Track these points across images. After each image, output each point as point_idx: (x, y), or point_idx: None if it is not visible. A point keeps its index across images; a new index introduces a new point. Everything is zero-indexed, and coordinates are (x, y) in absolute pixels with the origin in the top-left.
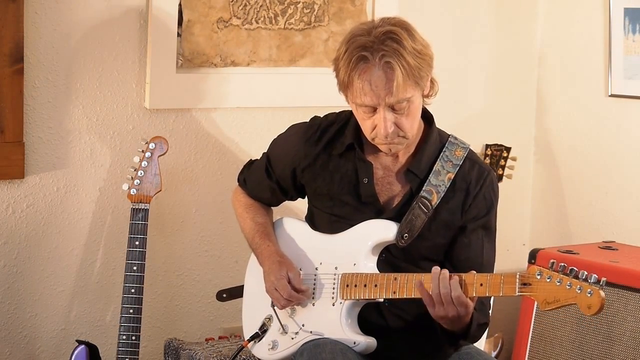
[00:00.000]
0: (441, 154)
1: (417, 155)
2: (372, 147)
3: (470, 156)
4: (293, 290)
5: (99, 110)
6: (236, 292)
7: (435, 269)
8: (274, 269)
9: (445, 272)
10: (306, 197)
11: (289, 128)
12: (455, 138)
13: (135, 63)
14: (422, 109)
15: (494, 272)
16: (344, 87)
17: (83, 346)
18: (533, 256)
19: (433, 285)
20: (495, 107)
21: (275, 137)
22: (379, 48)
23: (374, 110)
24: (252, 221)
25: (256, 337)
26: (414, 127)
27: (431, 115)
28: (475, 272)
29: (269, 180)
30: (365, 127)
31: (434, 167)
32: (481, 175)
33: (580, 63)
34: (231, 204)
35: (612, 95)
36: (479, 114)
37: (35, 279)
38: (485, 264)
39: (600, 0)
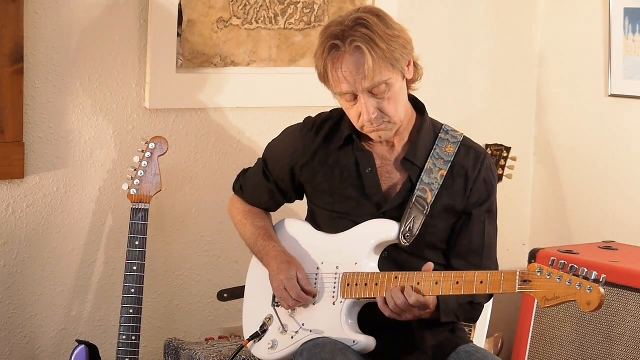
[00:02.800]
0: (432, 151)
1: (412, 144)
2: (368, 139)
3: (465, 143)
4: (302, 290)
5: (99, 110)
6: (237, 292)
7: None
8: (284, 268)
9: (397, 287)
10: (305, 198)
11: (283, 131)
12: (447, 132)
13: (135, 63)
14: (414, 98)
15: (497, 260)
16: (323, 79)
17: (83, 346)
18: (533, 256)
19: (389, 301)
20: (495, 107)
21: (270, 141)
22: (349, 35)
23: (355, 97)
24: (253, 226)
25: (256, 336)
26: (398, 111)
27: (423, 105)
28: (477, 262)
29: (267, 182)
30: (352, 116)
31: (426, 165)
32: (478, 159)
33: (580, 63)
34: (228, 213)
35: (612, 95)
36: (479, 114)
37: (35, 279)
38: (487, 246)
39: (600, 0)
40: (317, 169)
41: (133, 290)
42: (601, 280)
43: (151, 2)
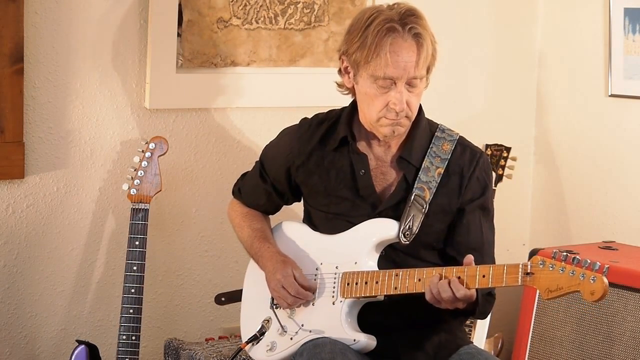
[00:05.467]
0: (429, 150)
1: (408, 143)
2: (365, 139)
3: (461, 141)
4: (300, 287)
5: (99, 110)
6: (235, 296)
7: (434, 277)
8: (279, 267)
9: (444, 281)
10: (302, 199)
11: (279, 132)
12: (443, 130)
13: (135, 63)
14: None
15: (494, 260)
16: (364, 60)
17: (83, 346)
18: (533, 256)
19: (434, 291)
20: (495, 107)
21: (267, 143)
22: (406, 22)
23: (390, 85)
24: (250, 228)
25: (254, 339)
26: (417, 109)
27: (420, 105)
28: (477, 259)
29: (264, 184)
30: (375, 105)
31: (423, 164)
32: (473, 157)
33: (580, 63)
34: (227, 216)
35: (612, 95)
36: (479, 114)
37: (35, 279)
38: (486, 244)
39: (600, 0)
40: (312, 170)
41: (133, 290)
42: (604, 270)
43: (151, 2)
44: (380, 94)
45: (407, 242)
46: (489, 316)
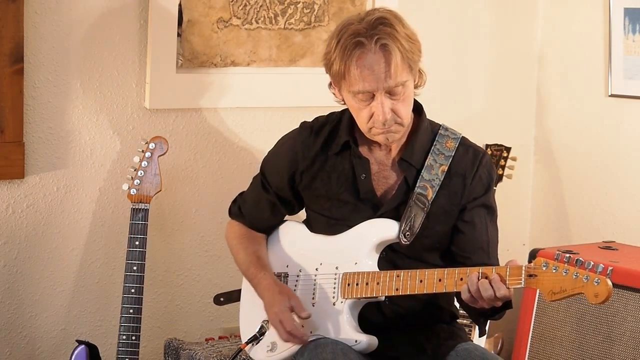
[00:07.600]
0: (432, 147)
1: (409, 145)
2: (366, 143)
3: (463, 142)
4: (297, 316)
5: (99, 110)
6: (234, 296)
7: (474, 275)
8: (277, 300)
9: (485, 280)
10: (304, 207)
11: (278, 141)
12: (446, 129)
13: (135, 63)
14: None
15: (498, 260)
16: (340, 77)
17: (83, 346)
18: (533, 256)
19: (473, 290)
20: (495, 107)
21: (266, 154)
22: (373, 33)
23: (371, 97)
24: (245, 252)
25: (254, 339)
26: (408, 113)
27: (421, 105)
28: (483, 258)
29: (267, 194)
30: (362, 117)
31: (426, 162)
32: (476, 157)
33: (580, 63)
34: (225, 239)
35: (612, 95)
36: (479, 114)
37: (35, 279)
38: (491, 244)
39: (600, 0)
40: (316, 174)
41: (133, 290)
42: (608, 272)
43: (151, 2)
44: (364, 107)
45: (407, 243)
46: None
